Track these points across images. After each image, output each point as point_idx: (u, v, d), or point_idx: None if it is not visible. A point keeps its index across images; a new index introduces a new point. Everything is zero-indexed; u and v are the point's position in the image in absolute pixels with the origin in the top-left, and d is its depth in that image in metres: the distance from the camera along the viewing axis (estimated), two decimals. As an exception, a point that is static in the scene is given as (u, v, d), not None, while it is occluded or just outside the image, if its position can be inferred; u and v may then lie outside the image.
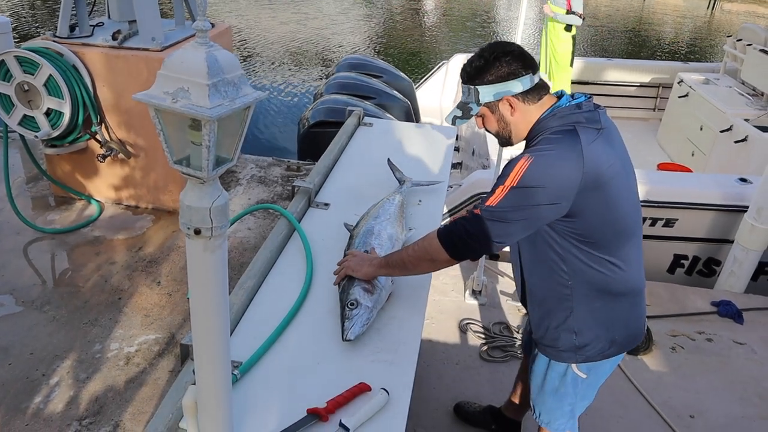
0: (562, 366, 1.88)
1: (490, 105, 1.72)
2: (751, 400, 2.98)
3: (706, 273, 4.35)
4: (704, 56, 13.47)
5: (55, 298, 3.21)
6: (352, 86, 5.08)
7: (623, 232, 1.69)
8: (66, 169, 4.11)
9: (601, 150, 1.59)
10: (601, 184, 1.58)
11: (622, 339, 1.81)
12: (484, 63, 1.68)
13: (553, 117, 1.66)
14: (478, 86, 1.70)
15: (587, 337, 1.78)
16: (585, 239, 1.65)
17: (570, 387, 1.90)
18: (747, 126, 5.16)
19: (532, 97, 1.69)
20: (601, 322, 1.77)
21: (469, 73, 1.72)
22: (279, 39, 12.79)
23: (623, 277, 1.72)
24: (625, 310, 1.79)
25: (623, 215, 1.67)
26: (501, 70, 1.66)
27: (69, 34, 3.79)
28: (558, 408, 1.96)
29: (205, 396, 1.32)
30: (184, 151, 1.08)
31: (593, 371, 1.87)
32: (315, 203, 2.41)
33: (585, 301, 1.74)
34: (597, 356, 1.81)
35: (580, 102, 1.68)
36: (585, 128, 1.60)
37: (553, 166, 1.55)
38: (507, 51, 1.68)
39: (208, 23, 1.03)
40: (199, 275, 1.19)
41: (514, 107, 1.70)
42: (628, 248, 1.72)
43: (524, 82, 1.67)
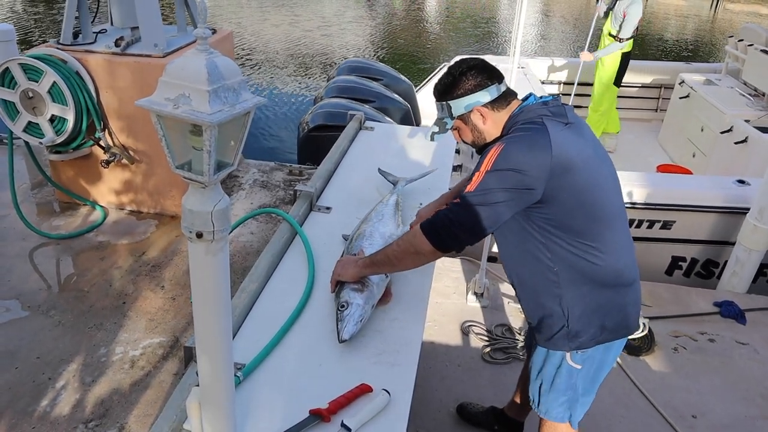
0: (557, 357, 1.91)
1: (463, 117, 1.83)
2: (753, 401, 2.98)
3: (704, 275, 4.35)
4: (707, 57, 13.47)
5: (60, 302, 3.24)
6: (352, 90, 5.10)
7: (601, 218, 1.74)
8: (70, 174, 4.14)
9: (569, 138, 1.68)
10: (572, 169, 1.65)
11: (613, 325, 1.85)
12: (453, 80, 1.81)
13: (521, 113, 1.77)
14: (450, 101, 1.82)
15: (578, 323, 1.82)
16: (563, 225, 1.71)
17: (565, 378, 1.93)
18: (747, 127, 5.16)
19: (501, 104, 1.80)
20: (590, 307, 1.81)
21: (440, 90, 1.85)
22: (281, 43, 12.84)
23: (606, 263, 1.77)
24: (613, 296, 1.82)
25: (600, 202, 1.73)
26: (468, 84, 1.79)
27: (72, 41, 3.83)
28: (555, 399, 1.99)
29: (208, 397, 1.34)
30: (185, 156, 1.10)
31: (588, 361, 1.90)
32: (317, 207, 2.43)
33: (572, 287, 1.79)
34: (589, 342, 1.85)
35: (547, 100, 1.79)
36: (552, 120, 1.70)
37: (524, 150, 1.65)
38: (471, 65, 1.81)
39: (208, 31, 1.05)
40: (201, 278, 1.21)
41: (484, 116, 1.80)
42: (609, 235, 1.76)
43: (491, 91, 1.78)
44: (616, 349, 1.94)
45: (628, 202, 4.01)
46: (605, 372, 1.99)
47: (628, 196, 4.00)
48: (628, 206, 4.01)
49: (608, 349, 1.90)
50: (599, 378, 1.99)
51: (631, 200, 4.01)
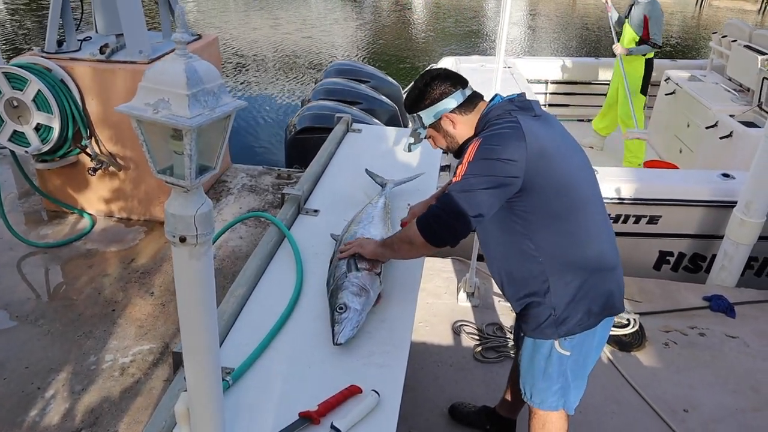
0: (546, 346, 1.94)
1: (434, 125, 1.92)
2: (744, 393, 3.00)
3: (692, 269, 4.37)
4: (692, 53, 13.57)
5: (49, 311, 3.22)
6: (339, 92, 5.10)
7: (578, 205, 1.81)
8: (57, 183, 4.12)
9: (539, 128, 1.77)
10: (546, 156, 1.73)
11: (598, 309, 1.89)
12: (419, 92, 1.90)
13: (490, 112, 1.85)
14: (419, 112, 1.91)
15: (565, 310, 1.86)
16: (543, 214, 1.77)
17: (556, 366, 1.96)
18: (732, 122, 5.20)
19: (468, 108, 1.89)
20: (576, 293, 1.85)
21: (409, 103, 1.94)
22: (268, 47, 12.83)
23: (587, 248, 1.83)
24: (597, 280, 1.87)
25: (575, 188, 1.80)
26: (434, 93, 1.88)
27: (57, 49, 3.81)
28: (547, 388, 2.01)
29: (197, 402, 1.34)
30: (167, 160, 1.10)
31: (576, 347, 1.93)
32: (304, 210, 2.43)
33: (557, 275, 1.83)
34: (576, 328, 1.88)
35: (513, 97, 1.87)
36: (521, 113, 1.80)
37: (501, 141, 1.73)
38: (435, 76, 1.90)
39: (187, 35, 1.05)
40: (186, 282, 1.21)
41: (454, 121, 1.89)
42: (587, 221, 1.83)
43: (456, 97, 1.88)
44: (602, 331, 1.96)
45: (615, 197, 4.03)
46: (594, 357, 2.03)
47: (616, 192, 4.02)
48: (615, 202, 4.03)
49: (594, 333, 1.93)
50: (589, 363, 2.02)
51: (618, 196, 4.03)
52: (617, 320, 3.33)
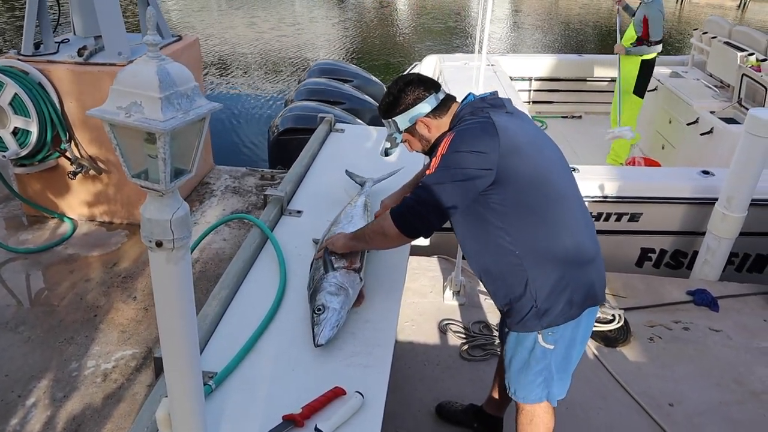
0: (529, 339, 1.94)
1: (409, 129, 1.95)
2: (728, 386, 3.03)
3: (673, 265, 4.41)
4: (674, 50, 13.69)
5: (29, 318, 3.18)
6: (322, 92, 5.10)
7: (553, 197, 1.84)
8: (37, 188, 4.07)
9: (511, 123, 1.81)
10: (518, 150, 1.77)
11: (580, 299, 1.90)
12: (393, 98, 1.94)
13: (462, 111, 1.90)
14: (394, 118, 1.94)
15: (546, 302, 1.87)
16: (518, 207, 1.80)
17: (540, 359, 1.97)
18: (712, 118, 5.24)
19: (441, 111, 1.93)
20: (556, 285, 1.86)
21: (384, 110, 1.98)
22: (251, 47, 12.77)
23: (563, 240, 1.85)
24: (576, 271, 1.88)
25: (548, 181, 1.83)
26: (408, 99, 1.91)
27: (34, 52, 3.76)
28: (531, 382, 2.02)
29: (178, 407, 1.32)
30: (141, 164, 1.08)
31: (560, 340, 1.94)
32: (287, 211, 2.42)
33: (536, 268, 1.85)
34: (559, 319, 1.89)
35: (485, 96, 1.92)
36: (492, 109, 1.84)
37: (473, 135, 1.77)
38: (408, 81, 1.94)
39: (158, 37, 1.03)
40: (164, 287, 1.20)
41: (428, 125, 1.93)
42: (562, 213, 1.86)
43: (430, 101, 1.91)
44: (585, 323, 1.97)
45: (596, 195, 4.05)
46: (579, 350, 2.04)
47: (596, 190, 4.04)
48: (596, 200, 4.05)
49: (578, 324, 1.94)
50: (572, 355, 2.03)
51: (598, 194, 4.05)
52: (602, 316, 3.35)
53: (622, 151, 5.84)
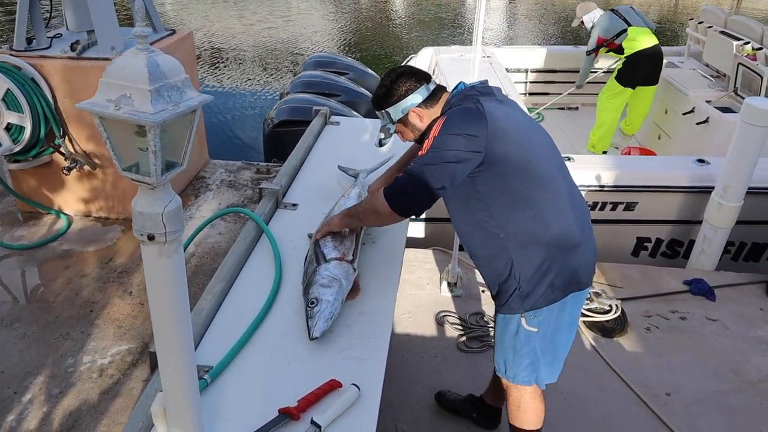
0: (513, 322, 1.99)
1: (402, 120, 2.01)
2: (725, 376, 3.03)
3: (670, 255, 4.41)
4: (671, 40, 13.67)
5: (25, 314, 3.17)
6: (317, 84, 5.08)
7: (539, 181, 1.88)
8: (32, 183, 4.05)
9: (500, 110, 1.87)
10: (506, 134, 1.82)
11: (562, 283, 1.93)
12: (386, 90, 2.00)
13: (453, 99, 1.96)
14: (387, 109, 2.00)
15: (528, 284, 1.92)
16: (504, 190, 1.85)
17: (524, 342, 2.01)
18: (708, 107, 5.23)
19: (432, 101, 1.98)
20: (538, 267, 1.90)
21: (377, 101, 2.04)
22: (247, 40, 12.72)
23: (547, 224, 1.89)
24: (559, 255, 1.91)
25: (536, 165, 1.88)
26: (400, 90, 1.97)
27: (26, 47, 3.73)
28: (519, 363, 2.06)
29: (173, 401, 1.32)
30: (132, 157, 1.07)
31: (543, 324, 1.98)
32: (283, 204, 2.41)
33: (520, 250, 1.90)
34: (541, 302, 1.93)
35: (475, 84, 1.97)
36: (482, 96, 1.90)
37: (464, 118, 1.83)
38: (399, 74, 2.00)
39: (147, 29, 1.02)
40: (156, 281, 1.19)
41: (420, 115, 1.98)
42: (548, 197, 1.89)
43: (421, 92, 1.97)
44: (571, 308, 2.01)
45: (591, 184, 4.04)
46: (566, 335, 2.08)
47: (592, 179, 4.04)
48: (592, 189, 4.04)
49: (562, 308, 1.97)
50: (558, 340, 2.06)
51: (594, 183, 4.04)
52: (599, 306, 3.36)
53: (600, 143, 5.83)
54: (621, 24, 5.55)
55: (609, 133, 5.78)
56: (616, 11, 5.69)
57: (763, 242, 4.32)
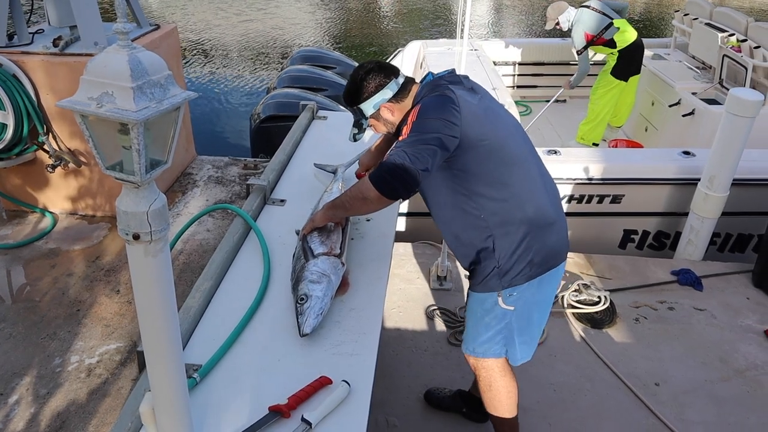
0: (490, 300, 2.04)
1: (375, 115, 2.05)
2: (713, 364, 3.06)
3: (656, 246, 4.43)
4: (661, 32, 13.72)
5: (10, 314, 3.13)
6: (304, 79, 5.06)
7: (512, 162, 1.95)
8: (15, 182, 4.00)
9: (468, 96, 1.93)
10: (478, 118, 1.88)
11: (540, 259, 2.01)
12: (356, 87, 2.02)
13: (422, 90, 2.00)
14: (359, 105, 2.03)
15: (508, 262, 1.98)
16: (480, 173, 1.91)
17: (499, 319, 2.06)
18: (694, 99, 5.26)
19: (403, 95, 2.02)
20: (517, 246, 1.97)
21: (348, 99, 2.07)
22: (233, 35, 12.62)
23: (523, 203, 1.96)
24: (536, 233, 1.98)
25: (508, 147, 1.95)
26: (370, 86, 2.00)
27: (7, 43, 3.68)
28: (490, 339, 2.11)
29: (161, 401, 1.31)
30: (115, 156, 1.06)
31: (519, 301, 2.03)
32: (271, 200, 2.40)
33: (500, 230, 1.96)
34: (520, 278, 2.00)
35: (443, 74, 2.03)
36: (451, 84, 1.95)
37: (438, 105, 1.88)
38: (368, 70, 2.02)
39: (129, 25, 1.00)
40: (143, 281, 1.18)
41: (391, 109, 2.03)
42: (521, 177, 1.97)
43: (391, 87, 2.00)
44: (547, 285, 2.08)
45: (578, 177, 4.05)
46: (541, 314, 2.15)
47: (579, 172, 4.05)
48: (578, 182, 4.06)
49: (539, 285, 2.04)
50: (535, 318, 2.13)
51: (580, 176, 4.05)
52: (588, 298, 3.38)
53: (591, 134, 5.84)
54: (604, 18, 5.54)
55: (601, 126, 5.80)
56: (590, 7, 5.64)
57: (749, 233, 4.36)
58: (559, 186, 4.00)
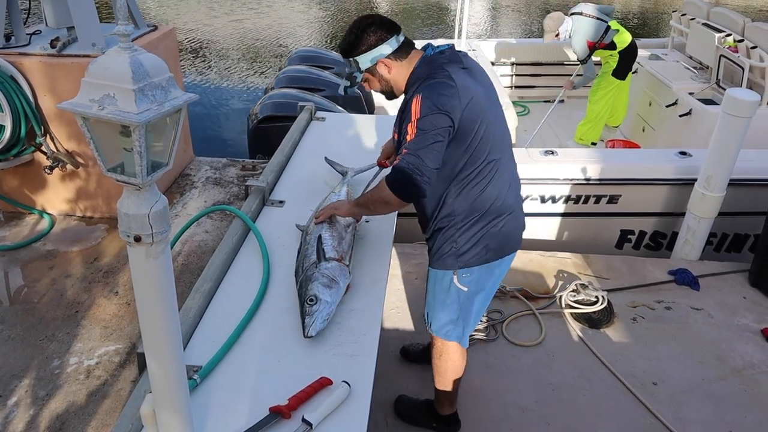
0: (446, 279, 2.14)
1: (370, 69, 2.02)
2: (710, 363, 3.07)
3: (653, 247, 4.44)
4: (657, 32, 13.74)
5: (8, 316, 3.13)
6: (301, 79, 5.05)
7: (491, 151, 1.99)
8: (13, 183, 3.99)
9: (466, 79, 1.93)
10: (472, 106, 1.89)
11: (495, 246, 2.10)
12: (355, 37, 1.98)
13: (422, 65, 1.98)
14: (356, 57, 1.99)
15: (466, 244, 2.07)
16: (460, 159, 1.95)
17: (454, 298, 2.16)
18: (691, 99, 5.27)
19: (402, 54, 2.00)
20: (477, 231, 2.06)
21: (345, 48, 2.02)
22: (230, 35, 12.61)
23: (489, 192, 2.03)
24: (496, 221, 2.07)
25: (491, 137, 1.98)
26: (370, 39, 1.97)
27: (5, 44, 3.67)
28: (445, 317, 2.22)
29: (162, 402, 1.31)
30: (116, 158, 1.06)
31: (473, 282, 2.13)
32: (270, 201, 2.40)
33: (463, 214, 2.04)
34: (474, 261, 2.09)
35: (444, 49, 2.02)
36: (451, 65, 1.94)
37: (439, 94, 1.87)
38: (370, 22, 1.99)
39: (129, 27, 1.01)
40: (144, 283, 1.18)
41: (389, 66, 2.00)
42: (496, 169, 2.02)
43: (391, 43, 1.98)
44: (498, 272, 2.18)
45: (575, 178, 4.06)
46: (484, 298, 2.24)
47: (576, 173, 4.05)
48: (575, 182, 4.06)
49: (491, 270, 2.14)
50: (475, 305, 2.22)
51: (577, 176, 4.06)
52: (585, 298, 3.38)
53: (589, 134, 5.85)
54: (601, 23, 5.54)
55: (599, 125, 5.82)
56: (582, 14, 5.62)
57: (745, 233, 4.37)
58: (557, 186, 4.07)
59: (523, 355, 3.04)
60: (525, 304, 3.40)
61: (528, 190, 4.06)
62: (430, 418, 2.57)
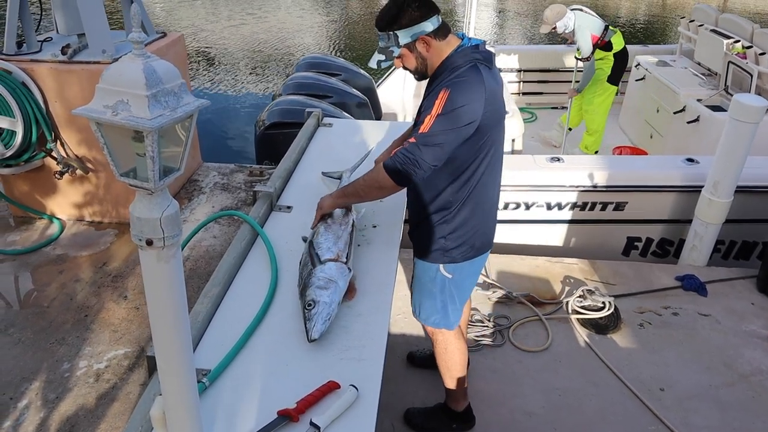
0: (432, 268, 2.19)
1: (409, 45, 1.98)
2: (717, 369, 3.06)
3: (660, 254, 4.41)
4: (664, 38, 13.72)
5: (19, 320, 3.16)
6: (309, 86, 5.07)
7: (492, 152, 2.03)
8: (24, 189, 4.03)
9: (492, 81, 1.95)
10: (494, 109, 1.94)
11: (479, 244, 2.17)
12: (397, 11, 1.94)
13: (457, 55, 1.97)
14: (396, 31, 1.95)
15: (454, 242, 2.12)
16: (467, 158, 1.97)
17: (439, 286, 2.22)
18: (699, 106, 5.26)
19: (441, 35, 1.98)
20: (467, 229, 2.11)
21: (386, 20, 1.97)
22: (239, 43, 12.69)
23: (485, 189, 2.08)
24: (484, 220, 2.14)
25: (497, 139, 2.04)
26: (413, 14, 1.93)
27: (16, 51, 3.72)
28: (432, 305, 2.28)
29: (172, 405, 1.32)
30: (129, 163, 1.08)
31: (457, 272, 2.19)
32: (277, 207, 2.42)
33: (460, 213, 2.08)
34: (459, 258, 2.15)
35: (478, 44, 2.02)
36: (482, 64, 1.94)
37: (468, 91, 1.88)
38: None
39: (143, 35, 1.03)
40: (155, 286, 1.19)
41: (428, 44, 1.97)
42: (492, 168, 2.07)
43: (433, 21, 1.95)
44: (479, 263, 2.25)
45: (581, 185, 4.05)
46: (471, 283, 2.33)
47: (582, 179, 4.04)
48: (582, 189, 4.05)
49: (472, 263, 2.21)
50: (467, 287, 2.31)
51: (584, 183, 4.04)
52: (592, 304, 3.38)
53: (594, 145, 5.86)
54: (601, 22, 5.56)
55: (601, 135, 5.83)
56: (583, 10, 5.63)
57: (753, 241, 4.35)
58: (563, 193, 4.07)
59: (529, 361, 3.04)
60: (532, 309, 3.40)
61: (534, 196, 4.06)
62: (448, 420, 2.58)
